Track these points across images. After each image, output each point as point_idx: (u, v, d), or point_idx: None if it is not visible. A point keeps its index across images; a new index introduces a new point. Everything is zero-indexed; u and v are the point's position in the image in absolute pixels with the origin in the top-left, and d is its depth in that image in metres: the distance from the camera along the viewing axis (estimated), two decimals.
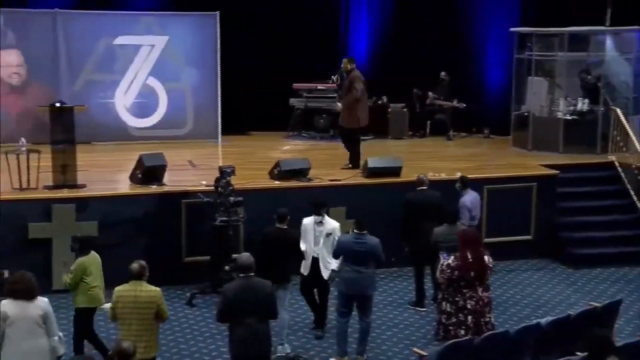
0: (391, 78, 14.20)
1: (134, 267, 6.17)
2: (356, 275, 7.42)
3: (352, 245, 7.47)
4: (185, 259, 9.59)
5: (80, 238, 7.47)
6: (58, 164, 9.49)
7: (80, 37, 12.66)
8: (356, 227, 7.55)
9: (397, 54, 14.44)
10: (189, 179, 10.35)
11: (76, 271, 7.13)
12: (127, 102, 13.10)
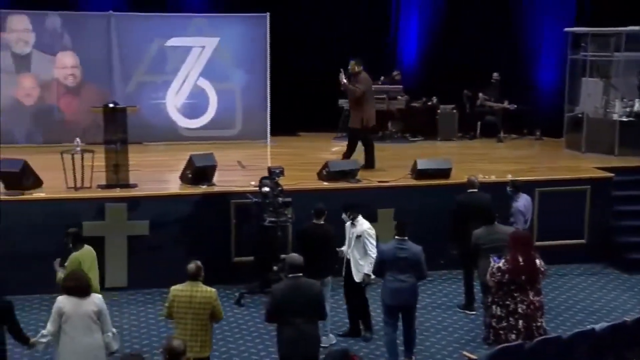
0: (441, 79, 14.10)
1: (191, 267, 6.21)
2: (400, 285, 7.25)
3: (395, 252, 7.27)
4: (234, 259, 9.65)
5: (72, 233, 7.46)
6: (111, 163, 9.65)
7: (134, 39, 12.87)
8: (397, 232, 7.37)
9: (447, 54, 14.32)
10: (238, 179, 10.43)
11: (70, 266, 7.19)
12: (178, 102, 13.27)
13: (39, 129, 12.82)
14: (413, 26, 14.86)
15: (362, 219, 8.02)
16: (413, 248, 7.30)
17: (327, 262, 7.80)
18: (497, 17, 14.31)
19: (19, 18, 12.55)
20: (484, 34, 14.23)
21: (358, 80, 10.97)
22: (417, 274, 7.32)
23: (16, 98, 12.64)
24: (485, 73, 13.92)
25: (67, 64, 12.75)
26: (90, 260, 7.28)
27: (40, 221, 9.08)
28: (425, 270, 7.35)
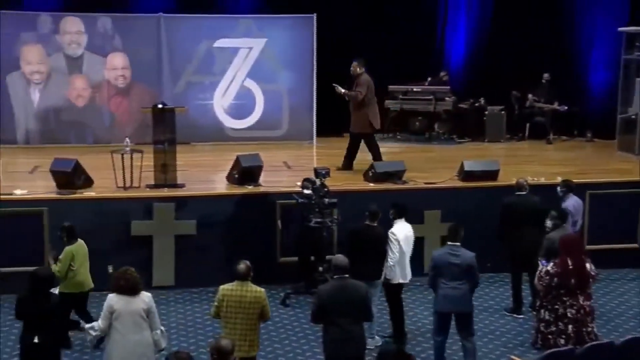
0: (489, 80, 13.94)
1: (241, 267, 6.24)
2: (452, 292, 7.07)
3: (448, 259, 7.10)
4: (280, 259, 9.68)
5: (67, 227, 7.68)
6: (159, 163, 9.76)
7: (182, 40, 13.02)
8: (450, 237, 7.18)
9: (495, 55, 14.13)
10: (284, 180, 10.47)
11: (64, 259, 7.45)
12: (225, 103, 13.38)
13: (89, 129, 13.07)
14: (461, 26, 14.71)
15: (400, 222, 7.88)
16: (466, 254, 7.07)
17: (377, 265, 7.75)
18: (547, 16, 14.06)
19: (72, 20, 12.80)
20: (533, 34, 14.00)
21: (359, 82, 10.85)
22: (471, 281, 7.11)
23: (68, 99, 12.90)
24: (535, 74, 13.69)
25: (118, 65, 12.96)
26: (82, 254, 7.61)
27: (91, 220, 9.22)
28: (477, 277, 7.15)
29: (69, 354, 7.36)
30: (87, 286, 7.72)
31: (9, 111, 12.61)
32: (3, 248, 8.93)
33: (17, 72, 12.61)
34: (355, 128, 11.04)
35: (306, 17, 13.10)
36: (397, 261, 7.76)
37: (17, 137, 12.72)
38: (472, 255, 7.10)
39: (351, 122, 11.12)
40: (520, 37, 14.03)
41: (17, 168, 11.26)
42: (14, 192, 9.34)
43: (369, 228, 7.80)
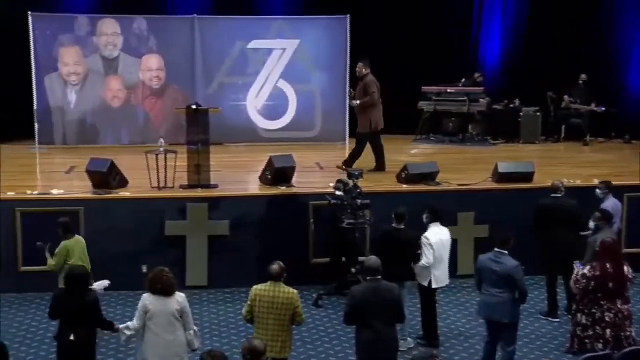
0: (524, 81, 13.79)
1: (274, 268, 6.25)
2: (490, 299, 6.94)
3: (489, 264, 6.97)
4: (313, 260, 9.67)
5: (63, 222, 7.73)
6: (193, 164, 9.83)
7: (216, 41, 13.09)
8: (497, 243, 7.00)
9: (531, 56, 13.98)
10: (317, 180, 10.47)
11: (60, 254, 7.51)
12: (258, 104, 13.42)
13: (124, 130, 13.21)
14: (495, 27, 14.58)
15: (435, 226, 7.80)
16: (507, 263, 6.87)
17: (405, 267, 7.71)
18: (584, 16, 13.88)
19: (108, 22, 12.96)
20: (570, 34, 13.83)
21: (367, 82, 10.82)
22: (514, 290, 6.85)
23: (104, 99, 13.06)
24: (571, 74, 13.51)
25: (152, 66, 13.08)
26: (79, 249, 7.65)
27: (125, 220, 9.33)
28: (522, 287, 6.84)
29: (104, 351, 7.43)
30: None
31: (47, 112, 12.80)
32: None
33: (55, 73, 12.80)
34: (362, 129, 10.99)
35: (339, 18, 13.09)
36: (431, 265, 7.70)
37: (54, 138, 12.91)
38: (514, 265, 6.87)
39: (358, 123, 11.07)
40: (557, 37, 13.87)
41: (54, 168, 11.44)
42: (51, 192, 9.48)
43: (396, 230, 7.78)
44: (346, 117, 13.26)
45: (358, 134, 11.15)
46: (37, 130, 12.65)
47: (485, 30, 14.61)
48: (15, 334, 8.10)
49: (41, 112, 12.70)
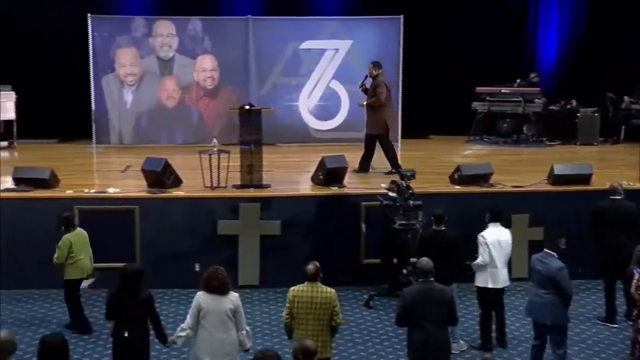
0: (582, 81, 13.51)
1: (310, 268, 6.27)
2: (536, 299, 6.88)
3: (536, 264, 6.91)
4: (364, 260, 9.64)
5: (64, 217, 8.00)
6: (246, 164, 9.90)
7: (269, 42, 13.17)
8: (545, 243, 6.93)
9: (589, 56, 13.70)
10: (369, 181, 10.43)
11: (62, 247, 7.80)
12: (311, 104, 13.45)
13: (179, 130, 13.40)
14: (553, 26, 14.31)
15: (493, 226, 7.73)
16: (552, 264, 6.77)
17: (449, 269, 7.60)
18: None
19: (164, 24, 13.17)
20: (630, 33, 13.48)
21: (377, 83, 10.70)
22: (559, 292, 6.74)
23: (159, 100, 13.27)
24: (632, 75, 13.16)
25: (207, 66, 13.24)
26: (81, 241, 7.94)
27: (179, 219, 9.45)
28: (566, 290, 6.73)
29: (159, 349, 7.52)
30: (87, 272, 8.05)
31: (104, 112, 13.06)
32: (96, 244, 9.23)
33: (112, 74, 13.06)
34: (372, 130, 10.89)
35: (393, 19, 13.03)
36: (488, 264, 7.61)
37: (111, 137, 13.17)
38: (558, 267, 6.75)
39: (367, 124, 10.99)
40: (617, 36, 13.54)
41: (111, 167, 11.67)
42: (107, 191, 9.67)
43: (437, 233, 7.73)
44: (399, 117, 13.18)
45: (367, 135, 11.02)
46: (94, 130, 12.92)
47: (542, 30, 14.36)
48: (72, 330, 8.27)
49: (98, 113, 12.97)
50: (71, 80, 12.97)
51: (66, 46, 13.00)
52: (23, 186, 9.56)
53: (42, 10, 13.26)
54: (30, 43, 13.19)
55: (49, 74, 13.18)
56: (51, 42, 13.14)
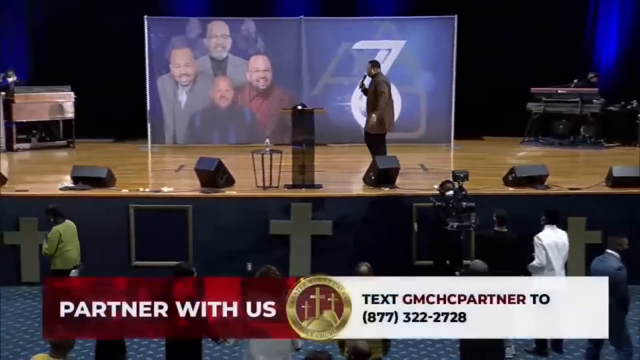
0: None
1: (363, 269, 6.25)
2: None
3: (595, 265, 6.77)
4: (416, 262, 9.57)
5: (52, 209, 8.11)
6: (297, 164, 9.92)
7: (322, 42, 13.18)
8: (609, 244, 6.81)
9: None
10: (421, 182, 10.35)
11: (52, 238, 7.93)
12: (363, 105, 13.35)
13: (231, 130, 13.51)
14: (613, 25, 13.96)
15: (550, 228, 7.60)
16: (610, 263, 6.63)
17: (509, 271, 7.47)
18: None
19: (218, 24, 13.30)
20: None
21: (377, 82, 10.52)
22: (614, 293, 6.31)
23: (212, 100, 13.41)
24: None
25: (260, 67, 13.32)
26: (70, 233, 8.09)
27: (232, 218, 9.52)
28: (620, 292, 6.50)
29: (211, 347, 7.59)
30: (73, 262, 8.14)
31: (159, 112, 13.26)
32: (150, 242, 9.40)
33: (167, 75, 13.25)
34: (371, 129, 10.70)
35: (447, 19, 12.90)
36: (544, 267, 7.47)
37: (165, 137, 13.35)
38: (617, 267, 6.60)
39: (366, 124, 10.79)
40: None
41: (165, 166, 11.85)
42: (161, 190, 9.81)
43: (499, 234, 7.61)
44: (452, 118, 13.06)
45: (375, 136, 10.79)
46: (149, 130, 13.12)
47: (602, 28, 14.02)
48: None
49: (153, 113, 13.17)
50: (127, 80, 13.22)
51: (123, 47, 13.25)
52: (81, 184, 9.78)
53: (100, 13, 13.56)
54: (89, 44, 13.49)
55: (107, 75, 13.46)
56: (109, 44, 13.42)
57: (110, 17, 13.49)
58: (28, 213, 9.29)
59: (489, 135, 13.93)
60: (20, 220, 9.32)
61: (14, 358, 7.67)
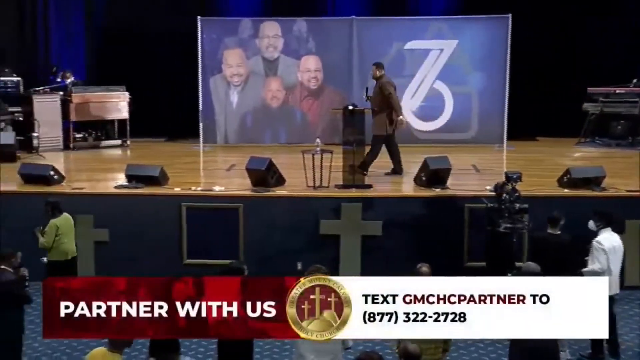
0: None
1: (424, 270, 6.21)
2: None
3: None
4: (467, 263, 9.46)
5: (52, 203, 8.33)
6: (348, 164, 9.91)
7: (373, 42, 13.12)
8: None
9: None
10: (473, 183, 10.23)
11: (50, 232, 8.13)
12: (414, 105, 13.33)
13: (282, 129, 13.57)
14: None
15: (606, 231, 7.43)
16: None
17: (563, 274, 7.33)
18: None
19: (270, 25, 13.37)
20: None
21: (382, 84, 10.45)
22: None
23: (264, 100, 13.49)
24: None
25: (311, 67, 13.34)
26: (67, 226, 8.27)
27: (282, 218, 9.56)
28: None
29: (261, 345, 7.64)
30: (70, 254, 8.33)
31: (211, 112, 13.40)
32: (201, 241, 9.49)
33: (219, 75, 13.37)
34: (377, 131, 10.61)
35: (501, 18, 12.72)
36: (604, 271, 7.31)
37: (217, 137, 13.48)
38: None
39: (373, 125, 10.66)
40: None
41: (217, 166, 11.96)
42: (213, 189, 9.90)
43: (552, 236, 7.48)
44: (504, 119, 12.88)
45: (374, 136, 10.71)
46: (201, 129, 13.26)
47: None
48: None
49: (205, 112, 13.30)
50: (180, 81, 13.40)
51: (177, 48, 13.44)
52: (135, 183, 9.94)
53: (155, 14, 13.77)
54: (144, 46, 13.72)
55: (160, 75, 13.68)
56: (163, 45, 13.63)
57: (164, 19, 13.70)
58: (84, 210, 9.48)
59: (543, 136, 13.70)
60: (77, 217, 9.50)
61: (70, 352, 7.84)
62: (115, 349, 5.38)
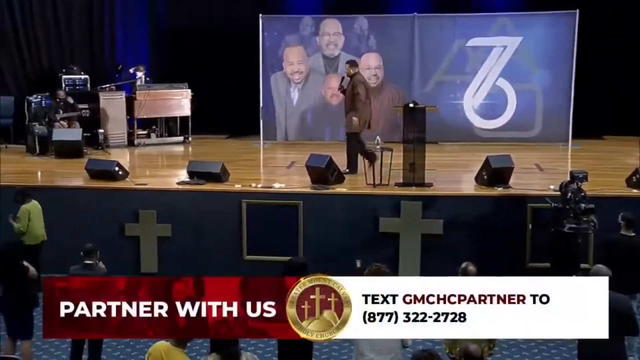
0: None
1: (471, 270, 6.14)
2: None
3: None
4: (529, 264, 9.28)
5: (20, 191, 8.84)
6: (408, 162, 9.83)
7: (435, 39, 13.00)
8: None
9: None
10: (536, 182, 10.03)
11: (22, 217, 8.56)
12: (476, 103, 13.14)
13: (342, 127, 13.49)
14: None
15: None
16: None
17: (635, 278, 7.12)
18: None
19: (331, 22, 13.36)
20: None
21: (354, 83, 10.28)
22: None
23: (324, 97, 13.50)
24: None
25: (372, 64, 13.28)
26: (36, 211, 8.71)
27: (341, 215, 9.54)
28: None
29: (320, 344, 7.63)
30: (41, 238, 8.75)
31: (271, 109, 13.48)
32: (261, 237, 9.55)
33: (280, 72, 13.44)
34: (349, 129, 10.52)
35: (568, 14, 12.43)
36: None
37: (277, 134, 13.55)
38: None
39: (345, 123, 10.63)
40: None
41: (276, 163, 12.03)
42: (273, 185, 9.95)
43: (626, 237, 7.28)
44: (570, 117, 12.59)
45: (351, 135, 10.60)
46: (262, 126, 13.34)
47: None
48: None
49: (266, 110, 13.38)
50: (241, 78, 13.52)
51: (238, 46, 13.55)
52: (196, 179, 10.07)
53: (217, 13, 13.92)
54: (206, 43, 13.89)
55: (222, 73, 13.82)
56: (224, 42, 13.76)
57: (226, 17, 13.84)
58: (147, 206, 9.66)
59: (610, 134, 13.34)
60: (140, 212, 9.69)
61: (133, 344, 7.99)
62: (179, 345, 5.45)
